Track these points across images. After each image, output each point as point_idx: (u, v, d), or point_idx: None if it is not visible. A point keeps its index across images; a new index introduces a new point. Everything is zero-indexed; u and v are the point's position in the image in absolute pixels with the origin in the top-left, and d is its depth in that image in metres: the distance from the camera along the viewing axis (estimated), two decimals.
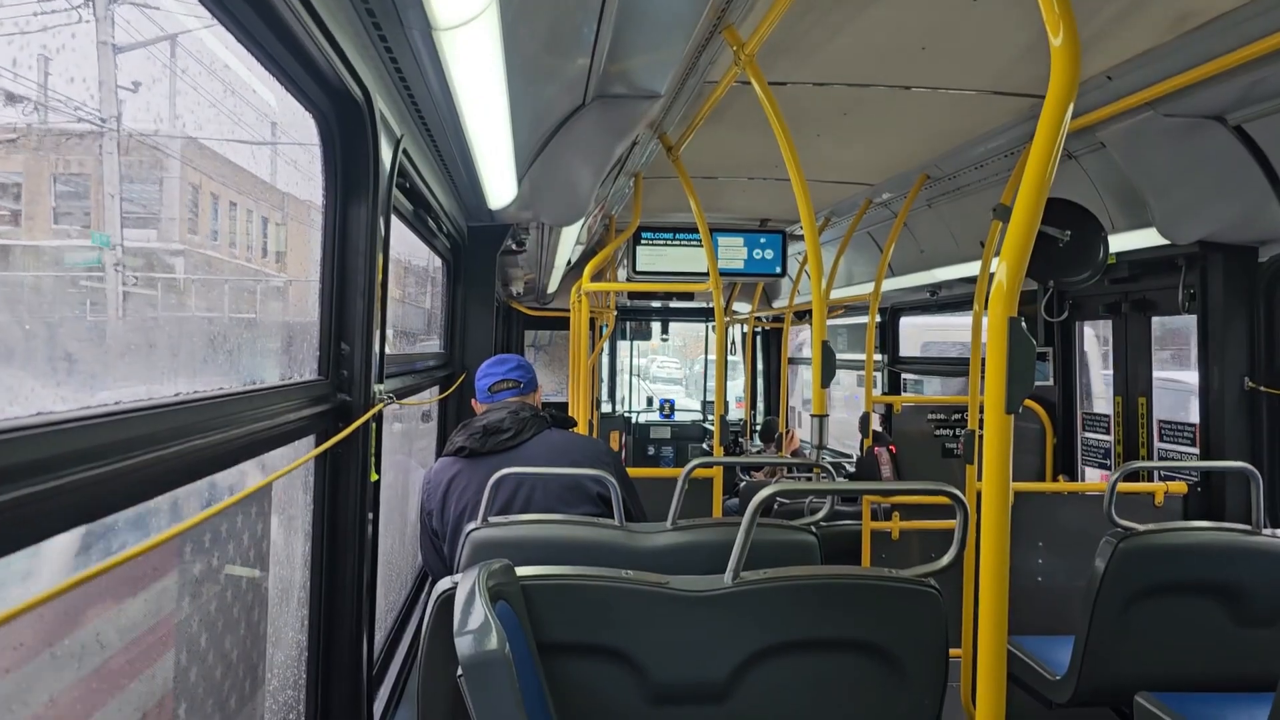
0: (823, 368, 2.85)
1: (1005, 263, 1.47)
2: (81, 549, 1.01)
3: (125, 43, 1.17)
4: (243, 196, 1.66)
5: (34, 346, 1.02)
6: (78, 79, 1.08)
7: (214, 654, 1.46)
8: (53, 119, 1.09)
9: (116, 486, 0.98)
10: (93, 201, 1.17)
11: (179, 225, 1.37)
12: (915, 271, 5.52)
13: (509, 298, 8.61)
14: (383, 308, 2.05)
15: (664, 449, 10.44)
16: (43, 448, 0.84)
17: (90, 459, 0.91)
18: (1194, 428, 3.96)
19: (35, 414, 0.86)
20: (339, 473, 1.93)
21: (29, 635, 0.92)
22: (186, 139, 1.38)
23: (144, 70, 1.22)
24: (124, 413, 1.00)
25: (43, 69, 1.02)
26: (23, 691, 0.92)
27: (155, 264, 1.35)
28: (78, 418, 0.91)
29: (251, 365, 1.68)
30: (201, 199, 1.41)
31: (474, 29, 1.64)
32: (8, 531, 0.81)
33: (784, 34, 2.62)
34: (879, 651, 1.86)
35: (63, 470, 0.86)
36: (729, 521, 2.52)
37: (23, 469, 0.81)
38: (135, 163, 1.25)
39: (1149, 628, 2.81)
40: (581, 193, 3.36)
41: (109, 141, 1.14)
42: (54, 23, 1.02)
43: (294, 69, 1.61)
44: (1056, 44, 1.43)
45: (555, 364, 10.51)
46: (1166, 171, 3.22)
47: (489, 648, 1.41)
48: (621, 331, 11.28)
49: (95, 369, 1.17)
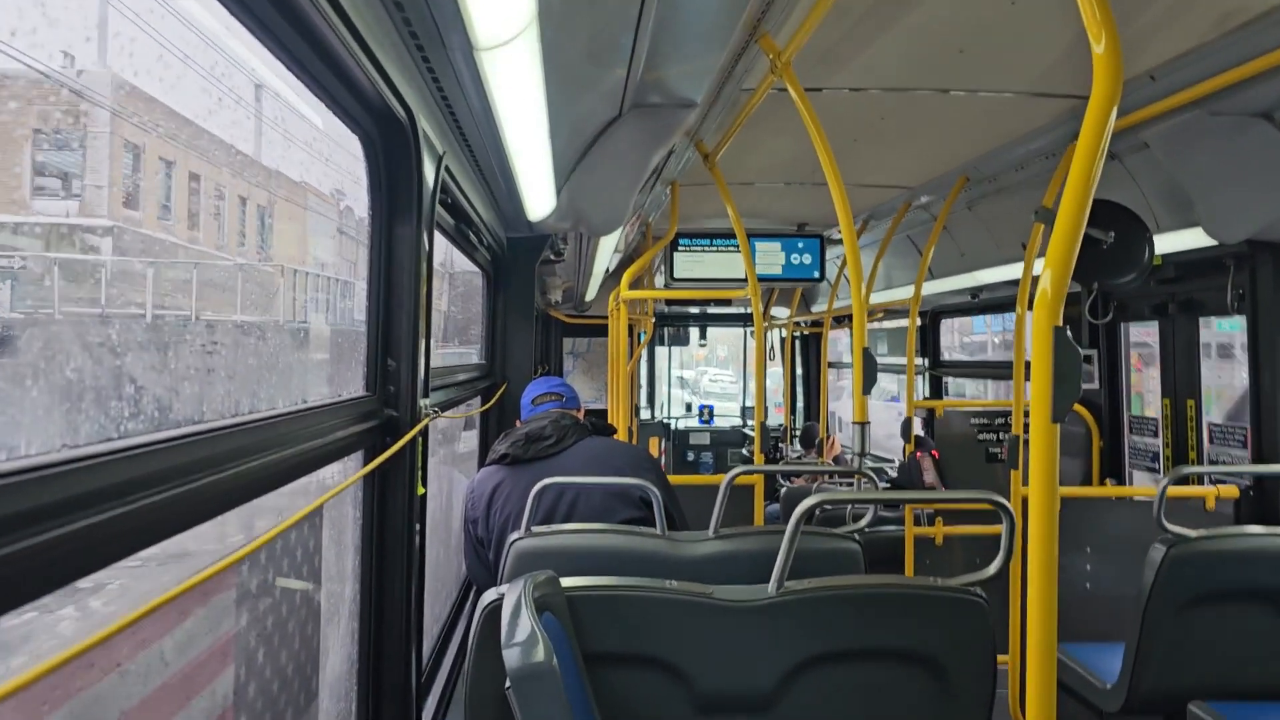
0: (864, 374, 2.83)
1: (1050, 269, 1.46)
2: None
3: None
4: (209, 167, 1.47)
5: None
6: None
7: (271, 668, 1.49)
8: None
9: (183, 508, 1.01)
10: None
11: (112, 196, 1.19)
12: (955, 274, 5.47)
13: (547, 306, 8.66)
14: (428, 322, 2.08)
15: (703, 455, 10.44)
16: (118, 474, 0.87)
17: (160, 482, 0.94)
18: (1245, 430, 3.88)
19: (108, 440, 0.89)
20: (387, 487, 1.96)
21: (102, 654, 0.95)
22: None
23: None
24: (188, 436, 1.03)
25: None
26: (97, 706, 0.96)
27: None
28: (149, 444, 0.94)
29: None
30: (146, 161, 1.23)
31: (514, 47, 1.66)
32: (87, 555, 0.84)
33: (820, 41, 2.61)
34: (925, 661, 1.85)
35: (135, 495, 0.89)
36: (771, 530, 2.52)
37: (99, 495, 0.84)
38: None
39: (1202, 635, 2.76)
40: (619, 202, 3.38)
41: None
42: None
43: (340, 92, 1.64)
44: (1099, 51, 1.41)
45: (594, 370, 10.54)
46: (1213, 170, 3.17)
47: (537, 659, 1.43)
48: (660, 338, 11.29)
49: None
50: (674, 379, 12.34)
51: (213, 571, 0.98)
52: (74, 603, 0.91)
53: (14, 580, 0.75)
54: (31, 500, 0.76)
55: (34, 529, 0.76)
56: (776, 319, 9.81)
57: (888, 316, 8.34)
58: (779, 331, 10.24)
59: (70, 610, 0.91)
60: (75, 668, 0.90)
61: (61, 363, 1.02)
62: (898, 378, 9.84)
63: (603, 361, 9.70)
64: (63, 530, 0.79)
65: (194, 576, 0.94)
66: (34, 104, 1.05)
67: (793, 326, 9.82)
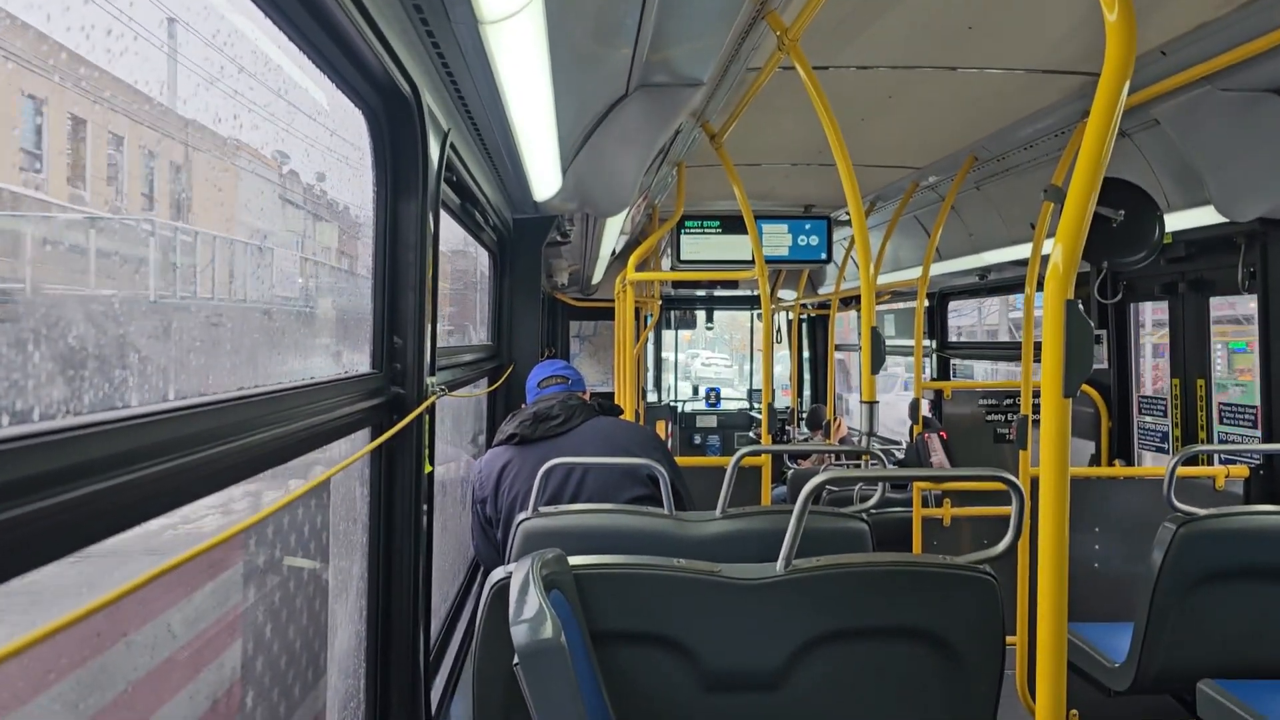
0: (872, 353, 2.83)
1: (1061, 245, 1.45)
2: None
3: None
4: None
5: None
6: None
7: (279, 643, 1.49)
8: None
9: (190, 479, 1.01)
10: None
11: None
12: (964, 255, 5.44)
13: (553, 289, 8.65)
14: (433, 301, 2.08)
15: (710, 437, 10.45)
16: (124, 442, 0.87)
17: (167, 452, 0.94)
18: (1255, 410, 3.86)
19: (114, 410, 0.89)
20: (394, 465, 1.96)
21: (108, 625, 0.95)
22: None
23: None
24: (193, 407, 1.02)
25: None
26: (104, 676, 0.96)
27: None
28: (154, 413, 0.94)
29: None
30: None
31: (519, 21, 1.65)
32: (93, 523, 0.84)
33: (827, 18, 2.59)
34: (934, 639, 1.85)
35: (142, 464, 0.89)
36: (779, 509, 2.52)
37: (106, 462, 0.84)
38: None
39: (1211, 614, 2.76)
40: (625, 182, 3.36)
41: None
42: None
43: (344, 66, 1.63)
44: (1112, 19, 1.40)
45: (600, 353, 10.54)
46: (1224, 147, 3.14)
47: (545, 636, 1.43)
48: (666, 320, 11.28)
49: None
50: (677, 364, 12.24)
51: (219, 540, 0.98)
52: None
53: (17, 546, 0.75)
54: (35, 466, 0.76)
55: (38, 495, 0.76)
56: (783, 301, 9.79)
57: (895, 298, 8.32)
58: (786, 314, 10.22)
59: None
60: (82, 636, 0.90)
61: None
62: (905, 363, 9.82)
63: (609, 345, 9.70)
64: (67, 497, 0.79)
65: (200, 545, 0.94)
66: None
67: (799, 309, 9.81)
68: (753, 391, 11.28)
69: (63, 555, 0.82)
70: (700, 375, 18.22)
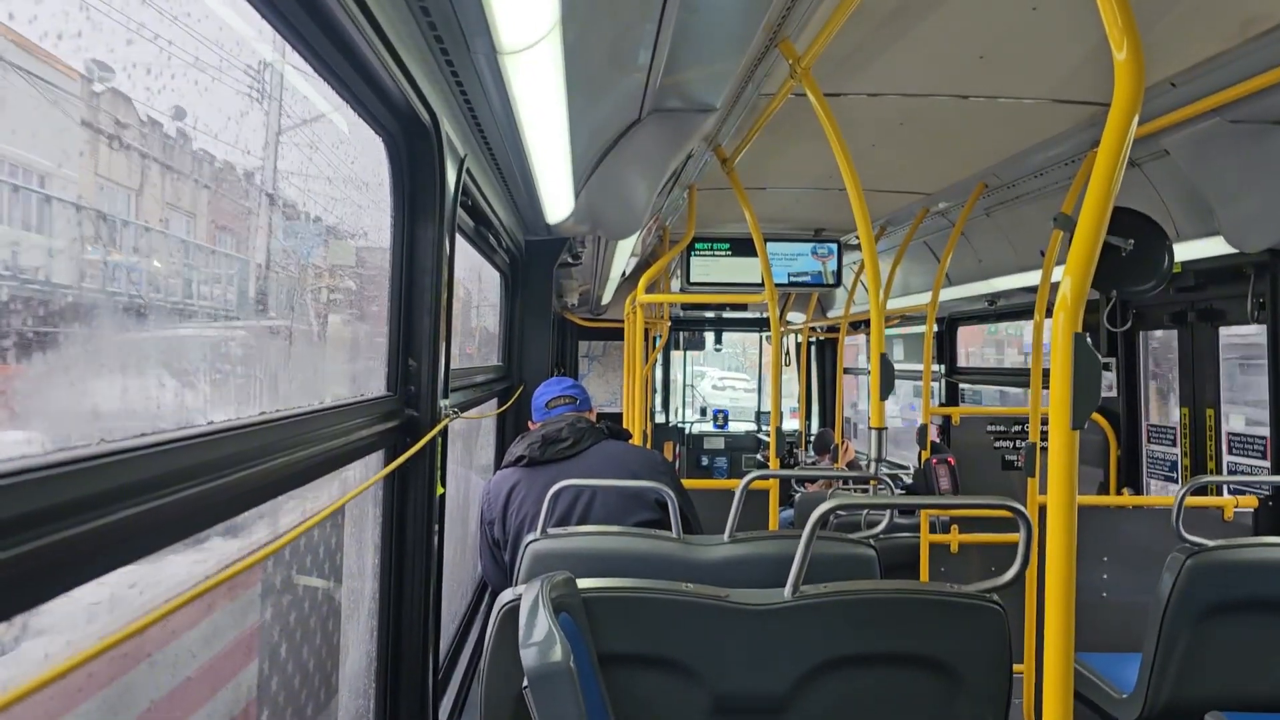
0: (881, 379, 2.84)
1: (1070, 276, 1.46)
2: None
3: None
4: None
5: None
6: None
7: (294, 663, 1.50)
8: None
9: (212, 503, 1.03)
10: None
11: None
12: (973, 281, 5.46)
13: (562, 309, 8.68)
14: (448, 324, 2.10)
15: (718, 460, 10.43)
16: (149, 468, 0.89)
17: (192, 477, 0.96)
18: (1265, 440, 3.86)
19: (142, 435, 0.90)
20: (407, 487, 1.98)
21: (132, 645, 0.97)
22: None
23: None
24: (216, 433, 1.04)
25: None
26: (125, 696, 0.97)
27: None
28: (177, 439, 0.96)
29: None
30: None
31: (538, 51, 1.68)
32: (115, 551, 0.86)
33: (840, 46, 2.62)
34: (941, 667, 1.85)
35: (165, 489, 0.91)
36: (787, 534, 2.52)
37: (131, 489, 0.86)
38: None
39: (1220, 646, 2.75)
40: (637, 205, 3.39)
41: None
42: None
43: (365, 95, 1.66)
44: (1120, 58, 1.42)
45: (609, 374, 10.55)
46: (1234, 178, 3.15)
47: (554, 659, 1.43)
48: (675, 342, 11.29)
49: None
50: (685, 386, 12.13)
51: (240, 568, 1.00)
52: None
53: (42, 574, 0.76)
54: (56, 496, 0.77)
55: (57, 525, 0.77)
56: (792, 324, 9.80)
57: (904, 323, 8.33)
58: (794, 337, 10.23)
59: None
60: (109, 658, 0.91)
61: None
62: (914, 385, 9.80)
63: (618, 365, 9.71)
64: (90, 526, 0.80)
65: (222, 573, 0.96)
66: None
67: (808, 332, 9.81)
68: (760, 414, 11.27)
69: (86, 582, 0.83)
70: (711, 399, 15.73)
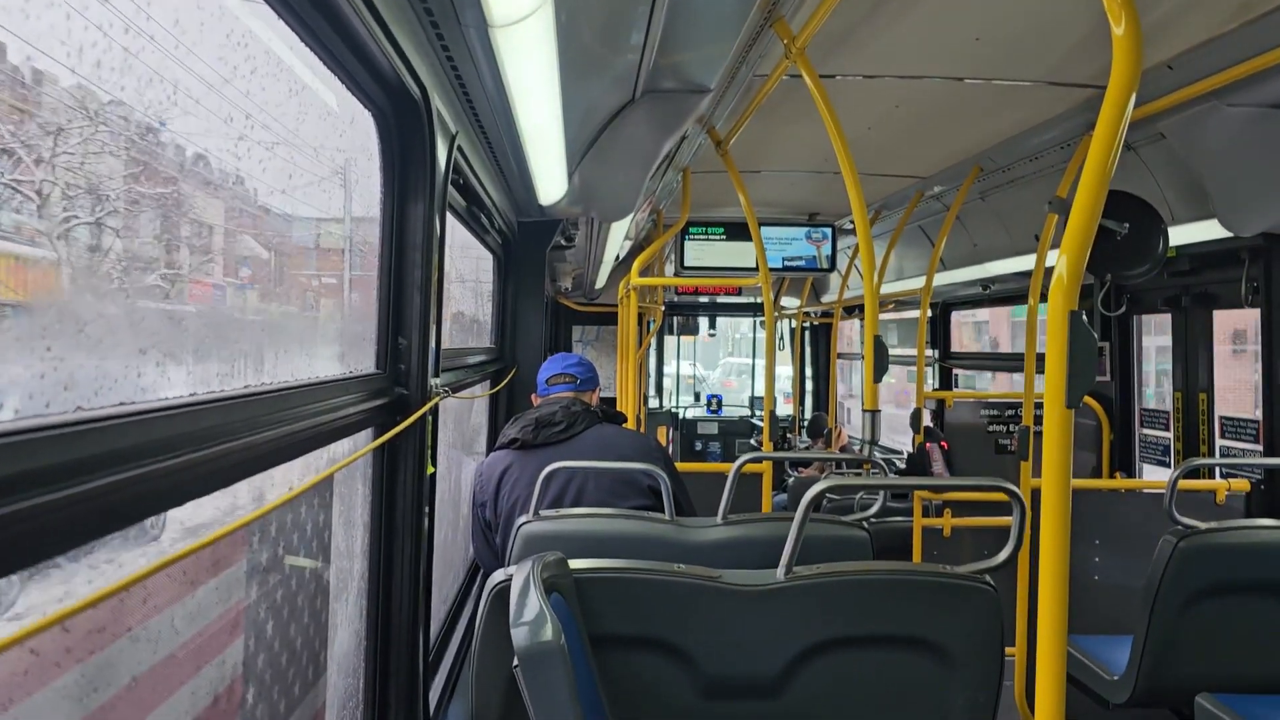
0: (875, 362, 2.83)
1: (1065, 256, 1.45)
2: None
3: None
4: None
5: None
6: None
7: (280, 641, 1.49)
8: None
9: (193, 476, 1.02)
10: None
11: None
12: (967, 265, 5.45)
13: (556, 293, 8.65)
14: (439, 302, 2.08)
15: (711, 444, 10.44)
16: (127, 437, 0.88)
17: (170, 449, 0.94)
18: (1257, 424, 3.87)
19: (119, 405, 0.89)
20: (396, 465, 1.96)
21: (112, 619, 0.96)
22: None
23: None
24: (200, 404, 1.03)
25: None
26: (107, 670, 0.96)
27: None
28: (159, 408, 0.94)
29: None
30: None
31: (529, 25, 1.66)
32: (94, 520, 0.85)
33: (835, 26, 2.60)
34: (933, 648, 1.85)
35: (145, 460, 0.90)
36: (780, 516, 2.52)
37: (108, 458, 0.85)
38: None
39: (1210, 628, 2.76)
40: (631, 188, 3.37)
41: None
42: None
43: (355, 69, 1.64)
44: (1119, 33, 1.40)
45: (603, 359, 10.54)
46: (1229, 162, 3.15)
47: (544, 639, 1.43)
48: (669, 327, 11.29)
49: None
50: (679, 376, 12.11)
51: (222, 533, 0.99)
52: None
53: (20, 540, 0.75)
54: (37, 460, 0.76)
55: (39, 490, 0.75)
56: (786, 309, 9.79)
57: (898, 307, 8.33)
58: (788, 321, 10.23)
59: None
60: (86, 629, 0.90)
61: None
62: (908, 371, 9.81)
63: (612, 350, 9.70)
64: (71, 492, 0.79)
65: (201, 540, 0.94)
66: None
67: (802, 316, 9.81)
68: (754, 399, 11.29)
69: (65, 551, 0.82)
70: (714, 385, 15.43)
